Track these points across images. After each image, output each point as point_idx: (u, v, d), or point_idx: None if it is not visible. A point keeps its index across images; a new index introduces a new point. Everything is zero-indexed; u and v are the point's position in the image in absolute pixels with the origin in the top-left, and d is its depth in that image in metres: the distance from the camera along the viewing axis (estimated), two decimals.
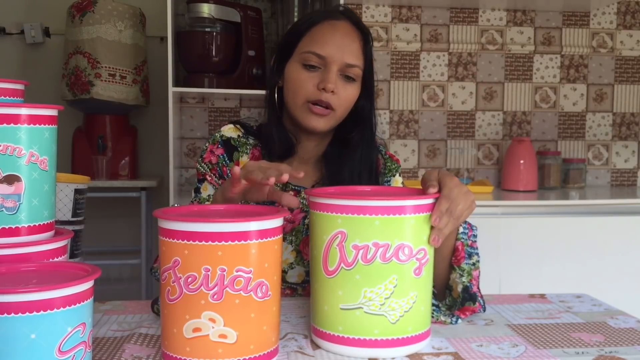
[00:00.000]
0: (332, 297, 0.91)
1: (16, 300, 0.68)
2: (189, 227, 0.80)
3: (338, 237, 0.89)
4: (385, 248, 0.88)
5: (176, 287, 0.82)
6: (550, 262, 2.40)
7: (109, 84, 2.55)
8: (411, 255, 0.89)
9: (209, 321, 0.81)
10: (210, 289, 0.80)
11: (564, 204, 2.47)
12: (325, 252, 0.91)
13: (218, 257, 0.80)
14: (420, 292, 0.91)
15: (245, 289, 0.81)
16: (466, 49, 2.95)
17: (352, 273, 0.89)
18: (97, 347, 0.93)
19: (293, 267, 1.27)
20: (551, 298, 1.25)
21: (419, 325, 0.92)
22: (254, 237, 0.82)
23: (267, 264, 0.84)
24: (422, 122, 2.95)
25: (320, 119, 1.22)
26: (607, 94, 3.04)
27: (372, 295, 0.89)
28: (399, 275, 0.89)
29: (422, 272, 0.91)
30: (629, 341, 0.99)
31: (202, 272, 0.80)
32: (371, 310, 0.89)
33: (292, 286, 1.28)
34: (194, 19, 2.51)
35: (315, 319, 0.95)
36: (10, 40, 2.84)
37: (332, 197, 0.91)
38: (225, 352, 0.81)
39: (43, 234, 0.88)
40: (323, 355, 0.91)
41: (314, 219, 0.94)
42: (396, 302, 0.89)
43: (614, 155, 3.07)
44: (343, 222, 0.89)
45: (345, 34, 1.22)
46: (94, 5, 2.54)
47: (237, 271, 0.81)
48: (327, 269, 0.91)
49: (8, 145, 0.83)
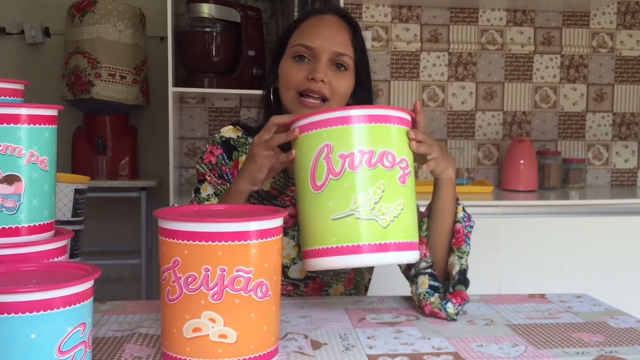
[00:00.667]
0: (322, 210, 0.93)
1: (16, 300, 0.68)
2: (189, 227, 0.80)
3: (324, 151, 0.93)
4: (370, 154, 0.92)
5: (176, 287, 0.82)
6: (550, 262, 2.40)
7: (109, 84, 2.55)
8: (394, 162, 0.94)
9: (209, 321, 0.81)
10: (210, 289, 0.80)
11: (564, 204, 2.47)
12: (312, 169, 0.94)
13: (218, 257, 0.80)
14: (406, 201, 0.94)
15: (245, 289, 0.81)
16: (466, 49, 2.95)
17: (341, 182, 0.92)
18: (97, 347, 0.93)
19: (295, 262, 1.27)
20: (551, 298, 1.25)
21: (408, 234, 0.94)
22: (254, 237, 0.82)
23: (267, 264, 0.83)
24: None
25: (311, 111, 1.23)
26: (607, 94, 3.04)
27: (362, 200, 0.91)
28: (386, 181, 0.92)
29: (407, 181, 0.95)
30: (629, 341, 0.99)
31: (202, 272, 0.80)
32: (362, 216, 0.91)
33: (294, 282, 1.28)
34: (194, 19, 2.51)
35: (307, 240, 0.96)
36: (10, 40, 2.84)
37: (316, 114, 0.95)
38: (225, 352, 0.81)
39: (43, 234, 0.88)
40: (323, 356, 0.91)
41: (300, 143, 0.97)
42: (385, 206, 0.92)
43: (614, 155, 3.07)
44: (328, 135, 0.93)
45: (332, 25, 1.25)
46: (94, 5, 2.54)
47: (237, 271, 0.80)
48: (315, 184, 0.94)
49: (8, 145, 0.83)
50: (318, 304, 1.18)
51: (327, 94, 1.21)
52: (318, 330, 1.02)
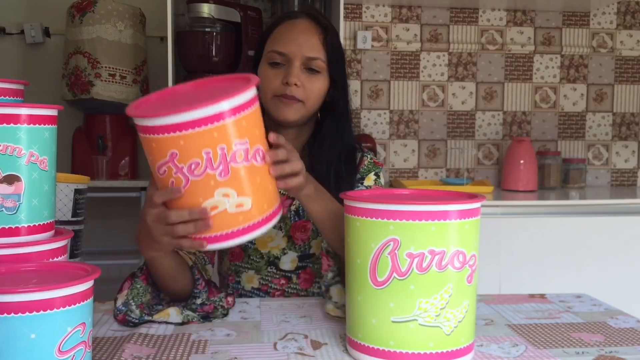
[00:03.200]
0: (381, 309, 0.84)
1: (16, 300, 0.68)
2: (180, 118, 0.81)
3: (390, 245, 0.83)
4: (442, 255, 0.83)
5: (181, 177, 0.84)
6: (550, 262, 2.39)
7: (109, 84, 2.55)
8: (465, 262, 0.85)
9: (224, 197, 0.84)
10: (215, 169, 0.83)
11: (564, 204, 2.47)
12: (373, 261, 0.85)
13: (215, 138, 0.82)
14: (471, 301, 0.87)
15: (247, 158, 0.85)
16: (466, 49, 2.95)
17: (406, 283, 0.83)
18: (97, 347, 0.93)
19: (285, 252, 1.31)
20: (551, 298, 1.25)
21: (469, 336, 0.88)
22: (247, 107, 0.84)
23: (257, 131, 0.87)
24: (422, 122, 2.95)
25: (289, 109, 1.26)
26: (607, 94, 3.04)
27: (427, 306, 0.83)
28: (454, 284, 0.84)
29: (473, 279, 0.87)
30: (629, 341, 0.99)
31: (204, 156, 0.82)
32: (426, 322, 0.83)
33: (286, 274, 1.31)
34: (194, 19, 2.51)
35: (359, 334, 0.88)
36: (10, 40, 2.84)
37: (383, 202, 0.84)
38: (245, 218, 0.86)
39: (43, 234, 0.88)
40: (323, 356, 0.91)
41: (356, 225, 0.87)
42: (451, 312, 0.84)
43: (614, 155, 3.07)
44: (396, 228, 0.83)
45: (303, 30, 1.28)
46: (94, 5, 2.54)
47: (235, 145, 0.83)
48: (375, 279, 0.85)
49: (8, 145, 0.83)
50: (318, 304, 1.18)
51: (302, 96, 1.26)
52: (318, 330, 1.02)
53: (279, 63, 1.27)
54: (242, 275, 1.32)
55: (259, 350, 0.93)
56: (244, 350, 0.93)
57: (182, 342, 0.96)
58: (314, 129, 1.36)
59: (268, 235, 1.30)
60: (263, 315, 1.11)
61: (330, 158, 1.30)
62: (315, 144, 1.33)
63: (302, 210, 1.31)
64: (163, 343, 0.96)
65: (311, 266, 1.32)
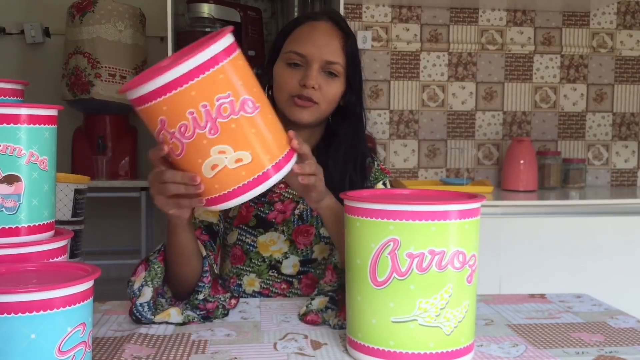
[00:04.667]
0: (381, 309, 0.85)
1: (16, 300, 0.68)
2: (156, 83, 0.81)
3: (390, 245, 0.83)
4: (442, 255, 0.83)
5: (176, 142, 0.85)
6: (550, 262, 2.39)
7: (109, 84, 2.55)
8: (465, 262, 0.85)
9: (220, 154, 0.84)
10: (203, 128, 0.83)
11: (564, 204, 2.47)
12: (373, 261, 0.85)
13: (193, 97, 0.82)
14: (471, 301, 0.87)
15: (234, 111, 0.84)
16: (466, 49, 2.95)
17: (406, 283, 0.83)
18: (97, 347, 0.93)
19: (287, 256, 1.30)
20: (551, 298, 1.25)
21: (469, 336, 0.88)
22: (220, 60, 0.83)
23: (240, 82, 0.85)
24: (422, 122, 2.95)
25: (304, 111, 1.26)
26: (607, 94, 3.04)
27: (427, 306, 0.83)
28: (454, 284, 0.84)
29: (473, 279, 0.87)
30: (629, 341, 0.99)
31: (189, 117, 0.82)
32: (426, 322, 0.84)
33: (288, 279, 1.30)
34: (194, 19, 2.51)
35: (359, 334, 0.88)
36: (10, 40, 2.84)
37: (383, 202, 0.84)
38: (249, 172, 0.86)
39: (43, 234, 0.88)
40: (323, 356, 0.91)
41: (356, 225, 0.87)
42: (451, 312, 0.84)
43: (614, 155, 3.07)
44: (396, 228, 0.83)
45: (324, 33, 1.28)
46: (94, 5, 2.54)
47: (217, 100, 0.83)
48: (375, 279, 0.85)
49: (8, 145, 0.83)
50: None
51: (317, 98, 1.26)
52: (318, 330, 1.02)
53: (298, 64, 1.26)
54: (244, 279, 1.31)
55: (259, 351, 0.93)
56: (244, 350, 0.93)
57: (182, 342, 0.97)
58: (324, 131, 1.36)
59: (270, 239, 1.29)
60: (263, 315, 1.11)
61: (346, 165, 1.30)
62: (330, 150, 1.32)
63: (306, 215, 1.30)
64: (163, 343, 0.96)
65: (313, 271, 1.30)
